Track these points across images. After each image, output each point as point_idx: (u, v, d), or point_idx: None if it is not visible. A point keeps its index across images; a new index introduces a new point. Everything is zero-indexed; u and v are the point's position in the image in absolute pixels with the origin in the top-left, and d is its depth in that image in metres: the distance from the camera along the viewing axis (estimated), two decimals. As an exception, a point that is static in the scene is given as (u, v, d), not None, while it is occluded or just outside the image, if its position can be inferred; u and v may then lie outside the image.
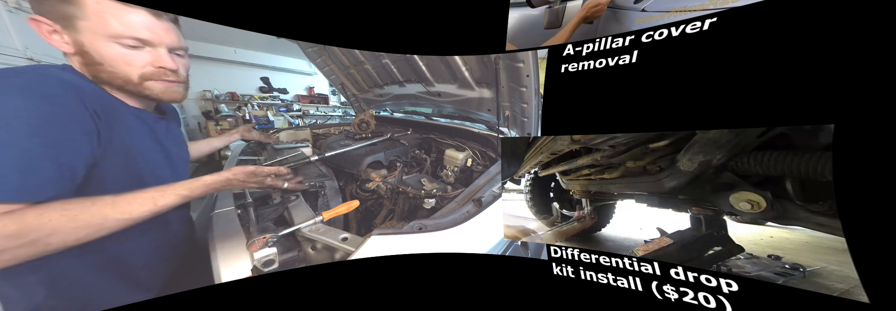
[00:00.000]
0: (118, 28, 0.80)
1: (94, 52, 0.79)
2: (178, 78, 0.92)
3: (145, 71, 0.85)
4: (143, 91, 0.87)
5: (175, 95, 0.93)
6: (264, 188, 1.16)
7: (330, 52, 1.39)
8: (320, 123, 1.62)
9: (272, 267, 1.05)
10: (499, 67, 1.31)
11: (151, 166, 0.90)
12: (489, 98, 1.45)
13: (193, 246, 1.00)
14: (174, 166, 0.97)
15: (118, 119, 0.82)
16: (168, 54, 0.88)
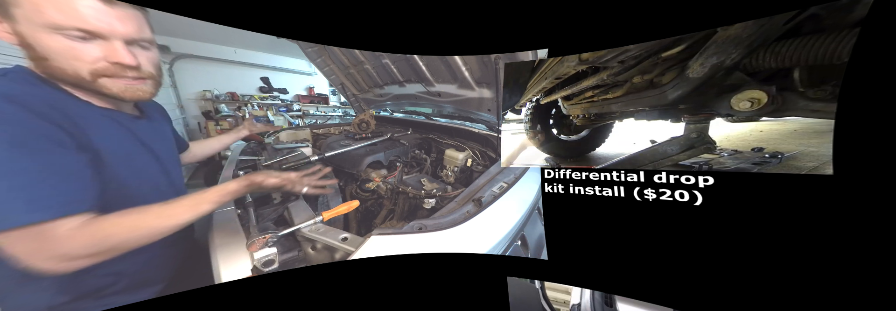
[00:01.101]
0: (56, 16, 0.68)
1: (37, 44, 0.68)
2: (140, 74, 0.79)
3: (97, 66, 0.73)
4: (100, 89, 0.76)
5: (139, 93, 0.81)
6: (283, 190, 1.10)
7: (330, 52, 1.39)
8: (320, 123, 1.62)
9: (272, 267, 1.05)
10: (499, 66, 1.31)
11: (139, 170, 0.85)
12: (489, 98, 1.44)
13: (193, 246, 1.00)
14: (166, 168, 0.93)
15: (86, 123, 0.73)
16: (125, 48, 0.75)
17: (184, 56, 1.04)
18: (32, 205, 0.65)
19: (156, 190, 0.88)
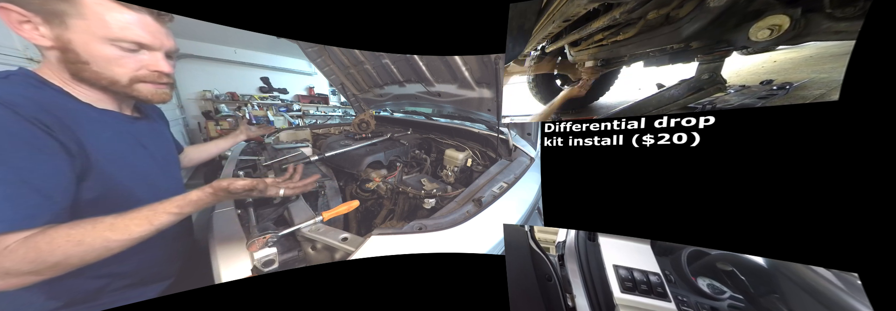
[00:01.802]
0: (118, 31, 0.76)
1: (84, 51, 0.75)
2: (169, 80, 0.88)
3: (138, 74, 0.82)
4: (131, 92, 0.83)
5: (165, 96, 0.89)
6: (254, 195, 1.05)
7: (330, 52, 1.39)
8: (320, 123, 1.62)
9: (272, 267, 1.05)
10: (499, 66, 1.31)
11: (139, 171, 0.86)
12: (489, 98, 1.44)
13: (193, 246, 1.00)
14: (164, 170, 0.94)
15: (81, 126, 0.75)
16: (165, 58, 0.85)
17: (184, 56, 1.04)
18: None
19: (154, 192, 0.87)
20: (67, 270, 0.72)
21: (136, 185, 0.84)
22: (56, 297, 0.76)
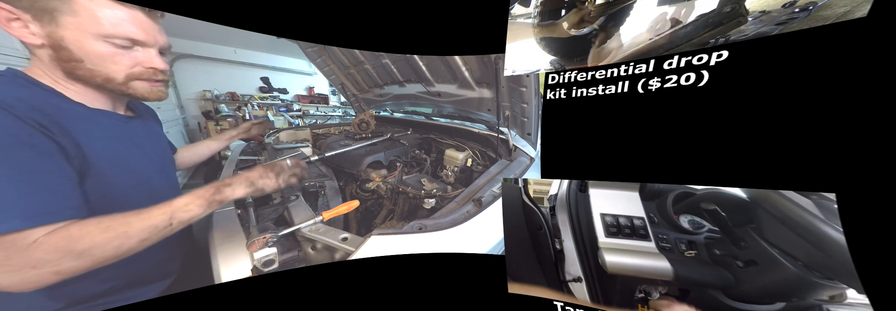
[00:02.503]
0: (111, 28, 0.75)
1: (78, 49, 0.73)
2: (164, 77, 0.87)
3: (133, 71, 0.81)
4: (126, 90, 0.82)
5: (161, 93, 0.88)
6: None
7: (330, 52, 1.39)
8: (320, 123, 1.62)
9: (272, 267, 1.05)
10: (499, 66, 1.31)
11: (134, 172, 0.85)
12: (489, 98, 1.45)
13: (193, 246, 1.00)
14: (160, 170, 0.93)
15: (76, 126, 0.74)
16: (159, 55, 0.84)
17: (184, 56, 1.04)
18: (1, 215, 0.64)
19: (150, 193, 0.87)
20: (90, 264, 0.72)
21: (132, 186, 0.83)
22: (57, 298, 0.76)
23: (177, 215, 0.81)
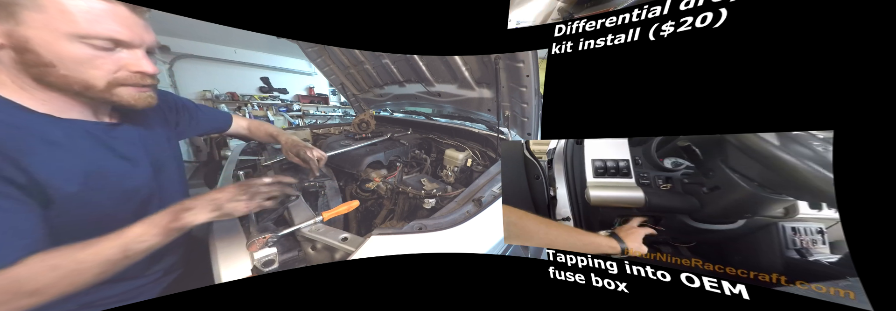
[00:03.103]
0: (88, 26, 0.64)
1: (47, 51, 0.63)
2: (152, 82, 0.76)
3: (117, 76, 0.70)
4: (109, 98, 0.71)
5: (150, 100, 0.77)
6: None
7: (330, 52, 1.39)
8: (320, 123, 1.62)
9: (272, 267, 1.05)
10: (499, 66, 1.31)
11: (116, 187, 0.75)
12: (489, 98, 1.45)
13: (193, 246, 1.00)
14: (156, 176, 0.84)
15: (30, 150, 0.64)
16: (146, 57, 0.73)
17: (184, 56, 1.04)
18: None
19: (141, 206, 0.79)
20: (48, 298, 0.65)
21: (116, 200, 0.76)
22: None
23: (131, 246, 0.71)
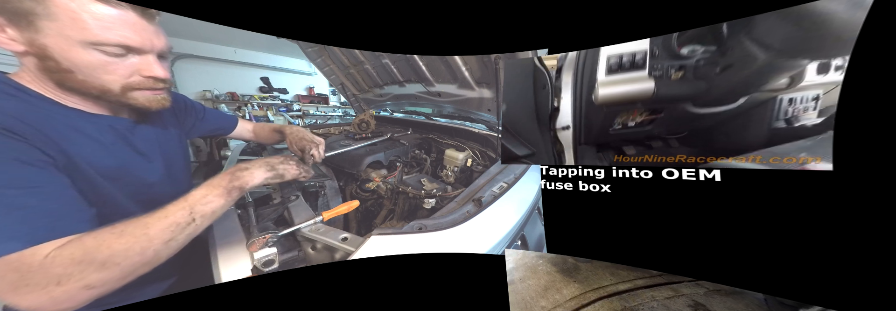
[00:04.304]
0: (99, 33, 0.66)
1: (64, 58, 0.65)
2: (166, 85, 0.79)
3: (131, 81, 0.72)
4: (125, 101, 0.75)
5: (164, 102, 0.80)
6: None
7: (330, 52, 1.39)
8: (320, 123, 1.62)
9: (272, 267, 1.05)
10: (499, 67, 1.31)
11: (133, 181, 0.79)
12: (489, 98, 1.44)
13: (193, 246, 1.00)
14: (167, 176, 0.87)
15: (64, 137, 0.68)
16: (158, 62, 0.75)
17: (184, 56, 1.04)
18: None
19: (151, 203, 0.80)
20: (120, 274, 0.67)
21: (131, 194, 0.79)
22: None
23: (197, 208, 0.76)
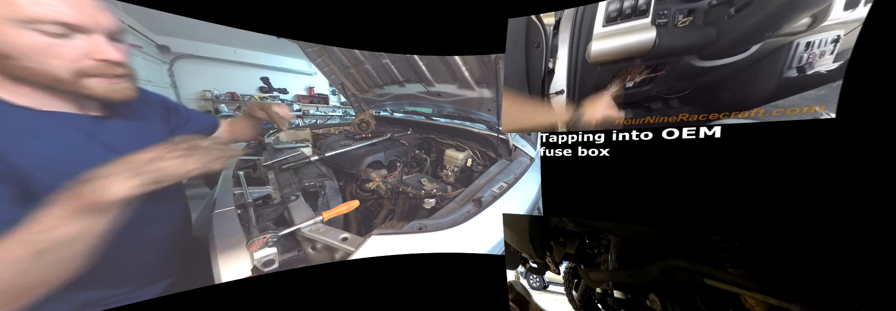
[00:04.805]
0: (30, 8, 0.59)
1: (0, 42, 0.59)
2: (125, 71, 0.71)
3: (81, 66, 0.65)
4: (82, 91, 0.67)
5: (127, 92, 0.73)
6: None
7: (330, 52, 1.39)
8: (320, 123, 1.62)
9: (272, 267, 1.05)
10: (499, 66, 1.31)
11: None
12: (489, 98, 1.44)
13: (193, 246, 1.00)
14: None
15: (7, 141, 0.62)
16: (108, 42, 0.67)
17: (184, 56, 1.04)
18: None
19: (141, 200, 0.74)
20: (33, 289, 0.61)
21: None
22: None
23: (37, 238, 0.62)
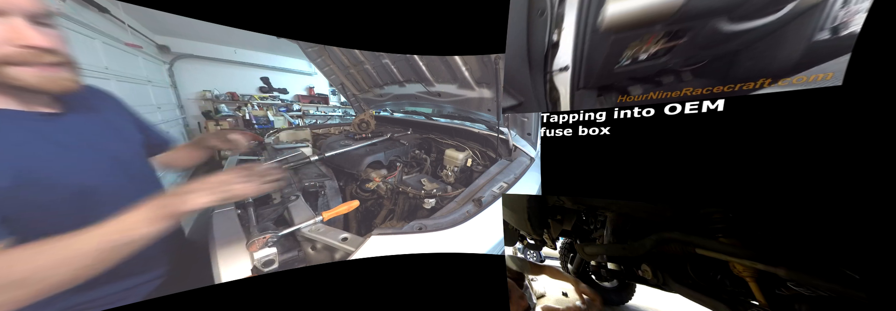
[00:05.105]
0: None
1: None
2: (59, 59, 0.65)
3: (3, 52, 0.59)
4: (9, 81, 0.61)
5: (64, 82, 0.66)
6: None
7: (330, 52, 1.39)
8: (320, 123, 1.62)
9: (272, 267, 1.05)
10: (499, 67, 1.31)
11: (59, 182, 0.67)
12: (489, 98, 1.44)
13: (193, 246, 1.00)
14: (111, 171, 0.75)
15: None
16: (29, 26, 0.61)
17: (184, 56, 1.04)
18: None
19: (94, 203, 0.70)
20: (46, 286, 0.60)
21: (63, 198, 0.68)
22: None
23: (116, 236, 0.65)
